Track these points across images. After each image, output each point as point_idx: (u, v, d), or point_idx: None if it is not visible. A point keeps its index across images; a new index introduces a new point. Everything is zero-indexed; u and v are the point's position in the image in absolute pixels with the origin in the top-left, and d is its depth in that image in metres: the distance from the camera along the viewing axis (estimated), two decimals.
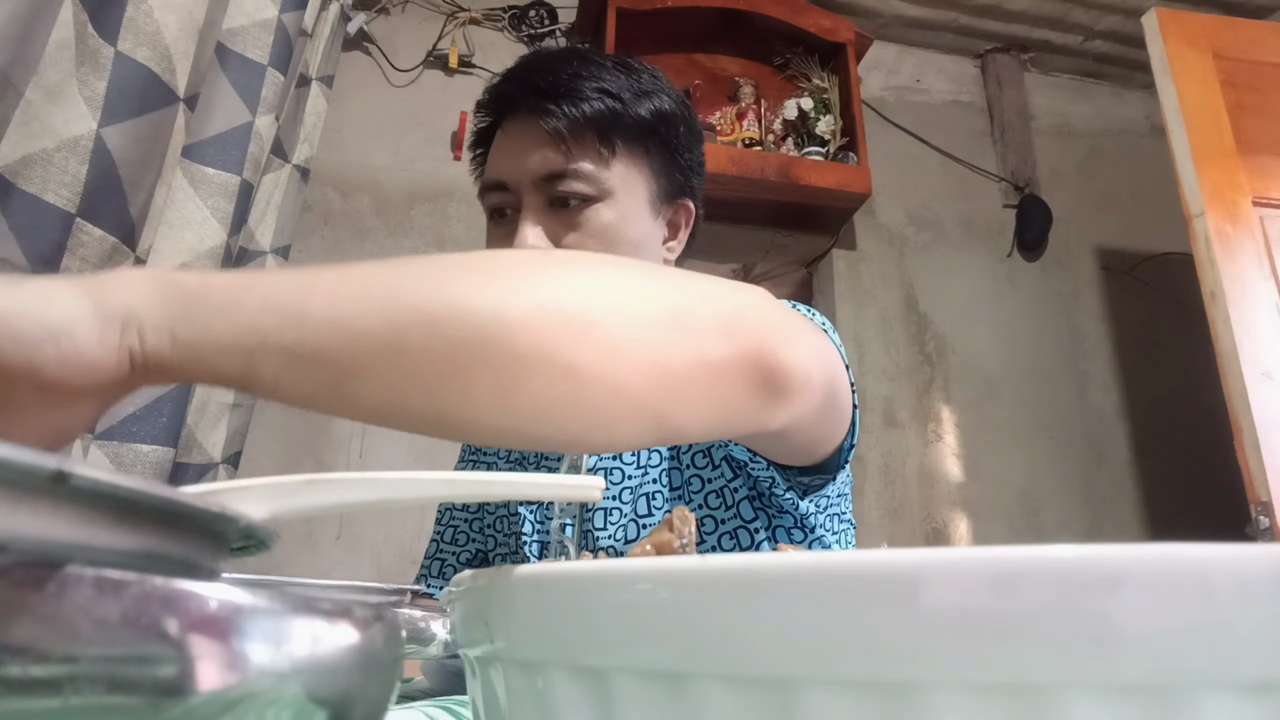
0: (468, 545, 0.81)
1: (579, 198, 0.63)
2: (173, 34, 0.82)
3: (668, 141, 0.68)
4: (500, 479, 0.21)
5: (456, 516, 0.83)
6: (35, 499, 0.11)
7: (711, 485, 0.66)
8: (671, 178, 0.69)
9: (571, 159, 0.63)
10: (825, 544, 0.67)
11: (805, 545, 0.66)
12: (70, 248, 0.72)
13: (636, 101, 0.66)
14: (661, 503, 0.66)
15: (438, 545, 0.82)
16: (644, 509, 0.67)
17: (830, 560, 0.14)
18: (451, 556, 0.81)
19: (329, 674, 0.13)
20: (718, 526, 0.65)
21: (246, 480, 0.19)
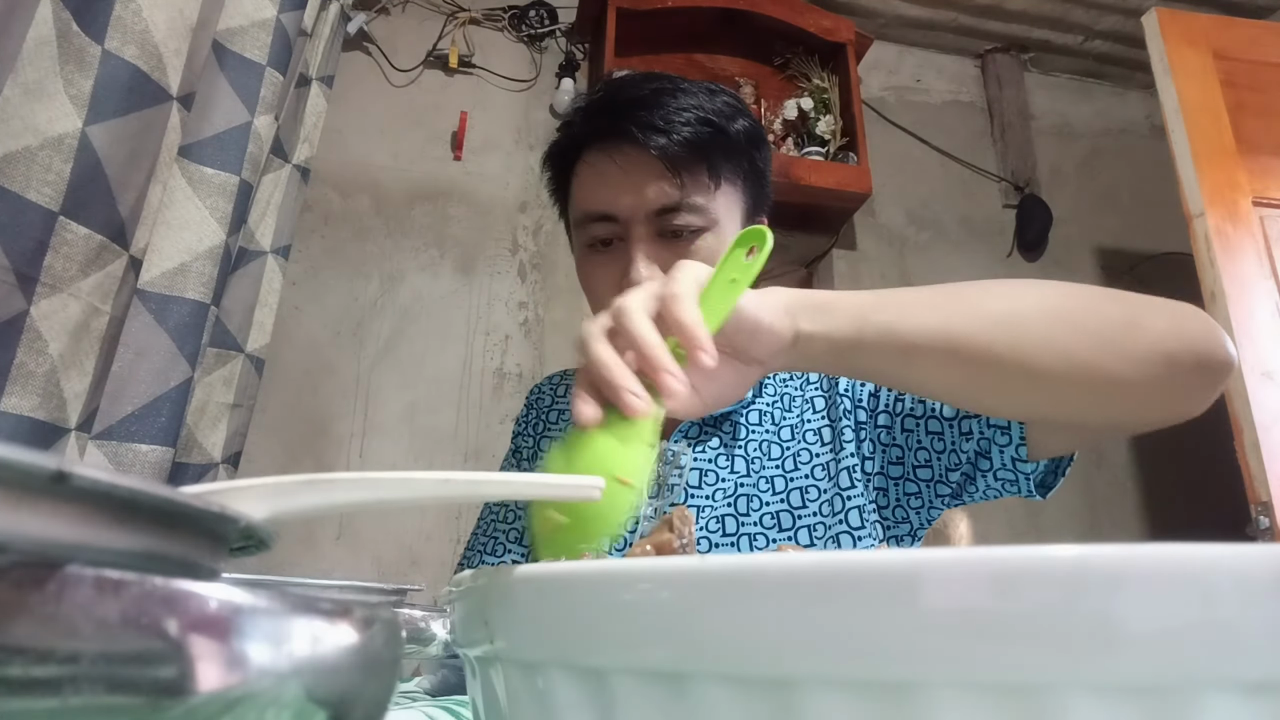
0: (504, 559, 0.78)
1: (691, 230, 0.64)
2: (162, 32, 0.82)
3: (756, 161, 0.69)
4: (498, 478, 0.21)
5: (499, 529, 0.79)
6: (35, 499, 0.11)
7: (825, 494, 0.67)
8: (759, 195, 0.71)
9: (685, 192, 0.64)
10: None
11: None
12: (53, 246, 0.72)
13: (729, 124, 0.66)
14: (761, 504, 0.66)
15: (480, 556, 0.79)
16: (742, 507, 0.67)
17: (830, 560, 0.14)
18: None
19: (329, 674, 0.13)
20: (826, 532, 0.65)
21: (246, 480, 0.19)
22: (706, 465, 0.70)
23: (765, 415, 0.72)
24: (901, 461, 0.66)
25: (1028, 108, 2.40)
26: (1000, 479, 0.61)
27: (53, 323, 0.73)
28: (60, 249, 0.73)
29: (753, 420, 0.72)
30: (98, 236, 0.76)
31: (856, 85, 2.08)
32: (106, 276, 0.79)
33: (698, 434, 0.71)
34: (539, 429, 0.82)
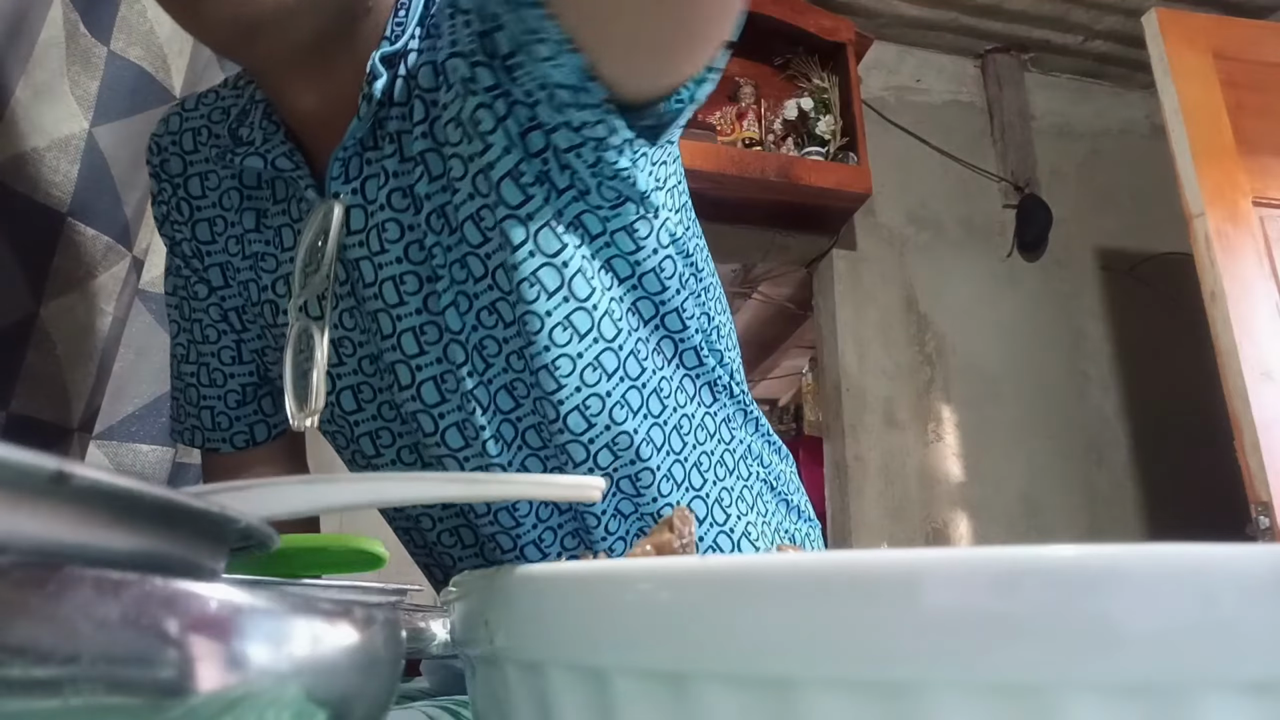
0: (222, 341, 0.64)
1: None
2: (166, 33, 0.82)
3: None
4: (498, 478, 0.21)
5: (196, 307, 0.64)
6: (35, 499, 0.11)
7: (494, 217, 0.48)
8: None
9: None
10: (671, 229, 0.52)
11: (653, 233, 0.51)
12: (61, 247, 0.72)
13: None
14: (442, 255, 0.51)
15: (195, 347, 0.64)
16: (420, 257, 0.52)
17: (830, 560, 0.14)
18: (213, 358, 0.64)
19: (329, 674, 0.13)
20: (510, 275, 0.49)
21: (246, 480, 0.19)
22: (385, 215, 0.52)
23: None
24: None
25: (1028, 108, 2.40)
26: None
27: (60, 324, 0.73)
28: (68, 250, 0.73)
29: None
30: (104, 238, 0.77)
31: (856, 85, 2.08)
32: (111, 278, 0.79)
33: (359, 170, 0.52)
34: (186, 212, 0.61)
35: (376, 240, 0.52)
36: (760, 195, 2.01)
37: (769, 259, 2.31)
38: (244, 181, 0.59)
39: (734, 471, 0.62)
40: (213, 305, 0.63)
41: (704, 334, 0.58)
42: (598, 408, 0.52)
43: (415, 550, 0.67)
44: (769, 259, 2.31)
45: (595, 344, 0.51)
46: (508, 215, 0.48)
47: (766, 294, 3.16)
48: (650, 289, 0.53)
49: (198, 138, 0.61)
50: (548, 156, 0.47)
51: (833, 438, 2.11)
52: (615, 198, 0.49)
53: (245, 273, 0.60)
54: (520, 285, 0.49)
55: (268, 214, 0.58)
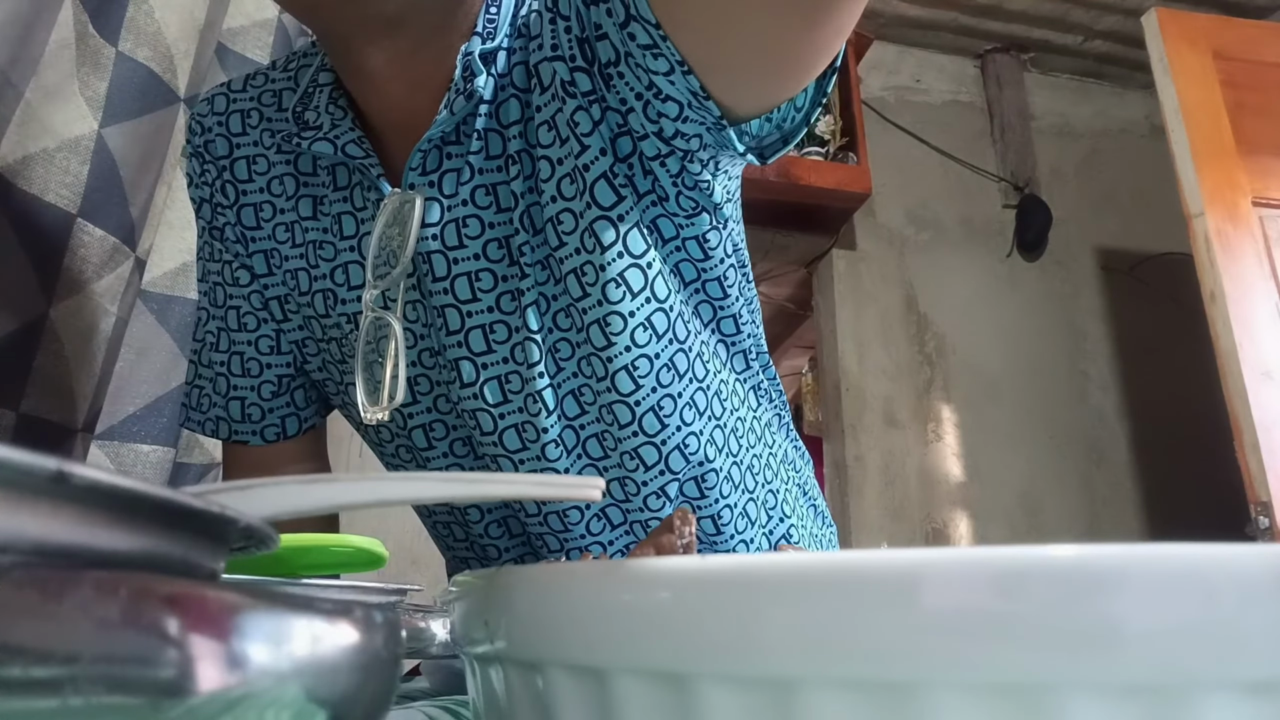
0: (260, 330, 0.62)
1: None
2: (173, 34, 0.82)
3: None
4: (499, 478, 0.21)
5: (234, 295, 0.62)
6: (35, 499, 0.11)
7: (584, 221, 0.48)
8: None
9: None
10: (735, 241, 0.54)
11: (721, 243, 0.52)
12: (71, 248, 0.72)
13: None
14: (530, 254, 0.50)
15: (227, 335, 0.62)
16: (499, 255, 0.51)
17: (830, 560, 0.14)
18: (249, 347, 0.62)
19: (329, 674, 0.13)
20: (599, 274, 0.49)
21: (247, 480, 0.19)
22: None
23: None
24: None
25: (1028, 108, 2.40)
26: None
27: (69, 325, 0.74)
28: (78, 251, 0.73)
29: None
30: (111, 239, 0.77)
31: (856, 85, 2.08)
32: (116, 279, 0.79)
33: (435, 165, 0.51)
34: (231, 195, 0.60)
35: (455, 235, 0.51)
36: (760, 195, 2.00)
37: (769, 259, 2.31)
38: (299, 167, 0.57)
39: (777, 474, 0.62)
40: (254, 293, 0.61)
41: (753, 339, 0.59)
42: (670, 408, 0.52)
43: (455, 544, 0.65)
44: (769, 259, 2.31)
45: (670, 345, 0.51)
46: (600, 216, 0.48)
47: (766, 294, 3.16)
48: (713, 295, 0.54)
49: (246, 120, 0.60)
50: (633, 161, 0.48)
51: (833, 438, 2.11)
52: (692, 207, 0.49)
53: (295, 260, 0.58)
54: (606, 286, 0.49)
55: (325, 201, 0.56)
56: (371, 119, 0.54)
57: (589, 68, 0.47)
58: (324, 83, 0.55)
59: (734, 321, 0.56)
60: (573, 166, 0.48)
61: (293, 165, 0.57)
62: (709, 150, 0.46)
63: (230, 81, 0.62)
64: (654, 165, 0.47)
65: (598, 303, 0.49)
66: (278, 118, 0.58)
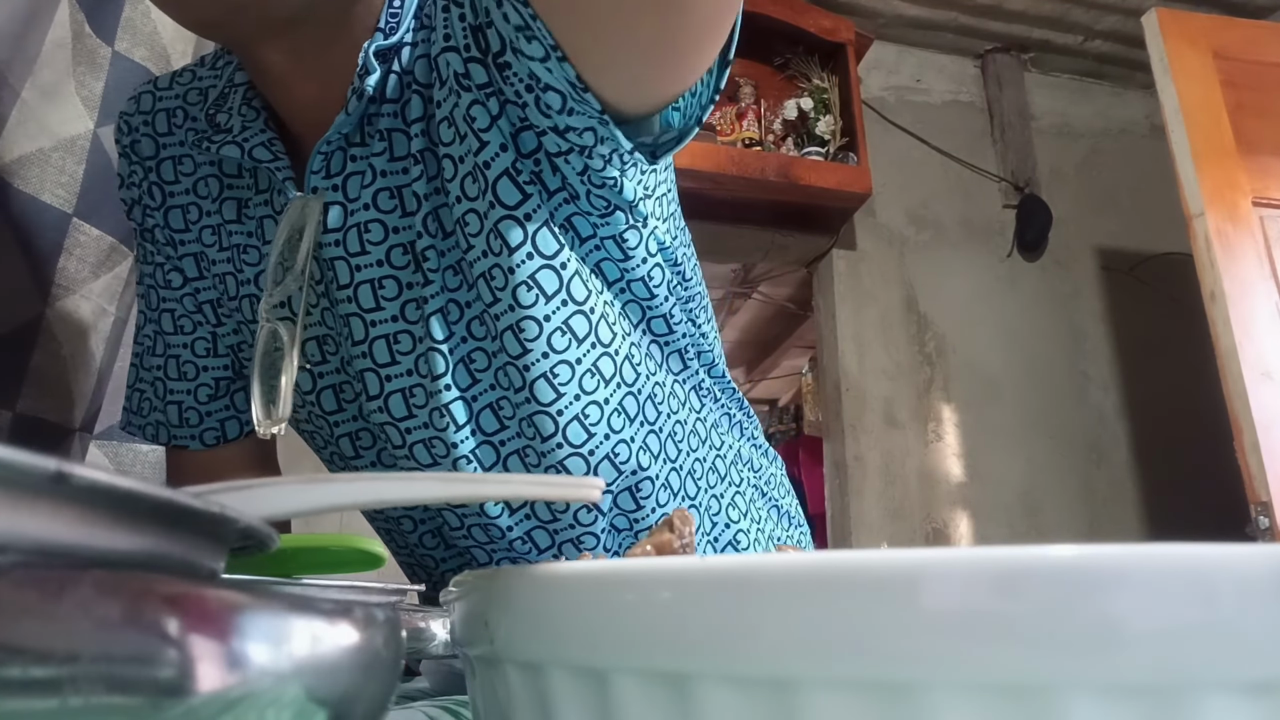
0: (196, 332, 0.60)
1: None
2: (170, 34, 0.82)
3: None
4: (498, 478, 0.21)
5: (167, 297, 0.60)
6: (35, 499, 0.11)
7: (489, 221, 0.46)
8: None
9: None
10: (659, 238, 0.51)
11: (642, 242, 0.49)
12: (67, 248, 0.72)
13: None
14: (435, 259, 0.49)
15: (162, 339, 0.61)
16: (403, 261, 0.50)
17: (830, 560, 0.14)
18: (184, 350, 0.60)
19: (329, 674, 0.13)
20: (509, 277, 0.46)
21: (247, 480, 0.19)
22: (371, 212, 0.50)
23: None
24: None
25: (1028, 108, 2.40)
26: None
27: (66, 325, 0.74)
28: (74, 251, 0.73)
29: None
30: (108, 238, 0.77)
31: (856, 85, 2.08)
32: (114, 278, 0.79)
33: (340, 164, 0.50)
34: (158, 197, 0.58)
35: (356, 241, 0.49)
36: (760, 195, 2.01)
37: (769, 259, 2.31)
38: (224, 170, 0.55)
39: (725, 478, 0.60)
40: (186, 296, 0.60)
41: (690, 339, 0.57)
42: (597, 416, 0.50)
43: (397, 550, 0.65)
44: (769, 259, 2.31)
45: (593, 349, 0.49)
46: (505, 216, 0.45)
47: (766, 294, 3.16)
48: (639, 294, 0.52)
49: (172, 119, 0.57)
50: (539, 157, 0.45)
51: (833, 438, 2.11)
52: (604, 206, 0.47)
53: (222, 265, 0.57)
54: (517, 290, 0.46)
55: (249, 204, 0.54)
56: (286, 120, 0.52)
57: (483, 58, 0.44)
58: (239, 83, 0.53)
59: (665, 321, 0.53)
60: (474, 164, 0.45)
61: (217, 167, 0.56)
62: (607, 145, 0.43)
63: (158, 79, 0.60)
64: (559, 162, 0.45)
65: (509, 308, 0.47)
66: (200, 117, 0.55)
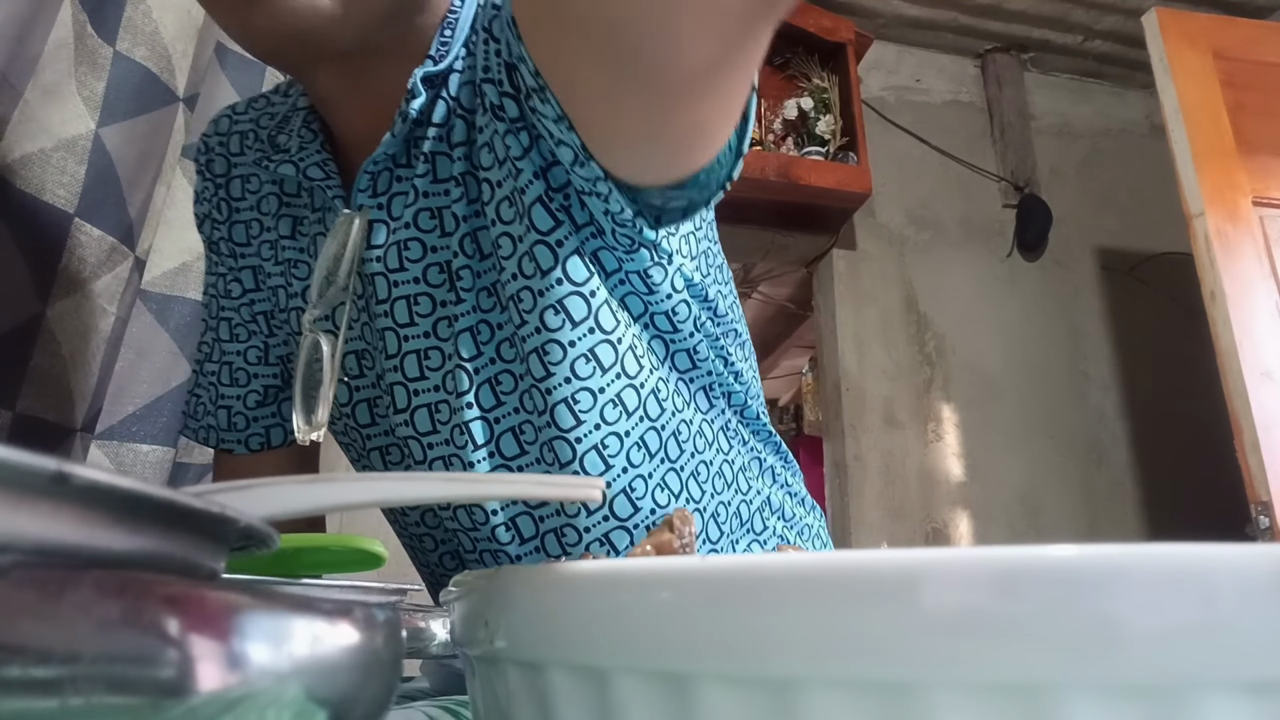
0: (250, 341, 0.64)
1: None
2: (170, 34, 0.82)
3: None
4: (498, 478, 0.21)
5: (226, 307, 0.64)
6: (35, 499, 0.11)
7: (523, 245, 0.48)
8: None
9: None
10: (687, 275, 0.52)
11: (667, 279, 0.50)
12: (69, 248, 0.72)
13: None
14: (470, 279, 0.50)
15: (219, 346, 0.65)
16: (439, 280, 0.51)
17: (830, 560, 0.14)
18: (238, 358, 0.64)
19: (329, 674, 0.13)
20: (538, 300, 0.48)
21: (247, 480, 0.19)
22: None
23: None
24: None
25: (1028, 108, 2.40)
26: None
27: (66, 325, 0.74)
28: (75, 251, 0.73)
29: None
30: (109, 238, 0.77)
31: (856, 85, 2.08)
32: (115, 278, 0.79)
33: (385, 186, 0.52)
34: (225, 212, 0.63)
35: (396, 257, 0.51)
36: (760, 195, 2.00)
37: (769, 259, 2.31)
38: (284, 188, 0.59)
39: (748, 523, 0.59)
40: (244, 306, 0.64)
41: (717, 376, 0.56)
42: (616, 447, 0.50)
43: (420, 567, 0.67)
44: (769, 259, 2.31)
45: (618, 380, 0.49)
46: (538, 241, 0.47)
47: (766, 294, 3.16)
48: (661, 328, 0.52)
49: (244, 141, 0.62)
50: (569, 192, 0.47)
51: (833, 438, 2.11)
52: (629, 243, 0.48)
53: (276, 278, 0.60)
54: (545, 313, 0.47)
55: (304, 222, 0.57)
56: (340, 142, 0.55)
57: (515, 94, 0.45)
58: (301, 106, 0.56)
59: (689, 356, 0.54)
60: (511, 190, 0.47)
61: (279, 186, 0.59)
62: (615, 194, 0.44)
63: (237, 104, 0.65)
64: (586, 199, 0.46)
65: (536, 330, 0.48)
66: (265, 139, 0.59)
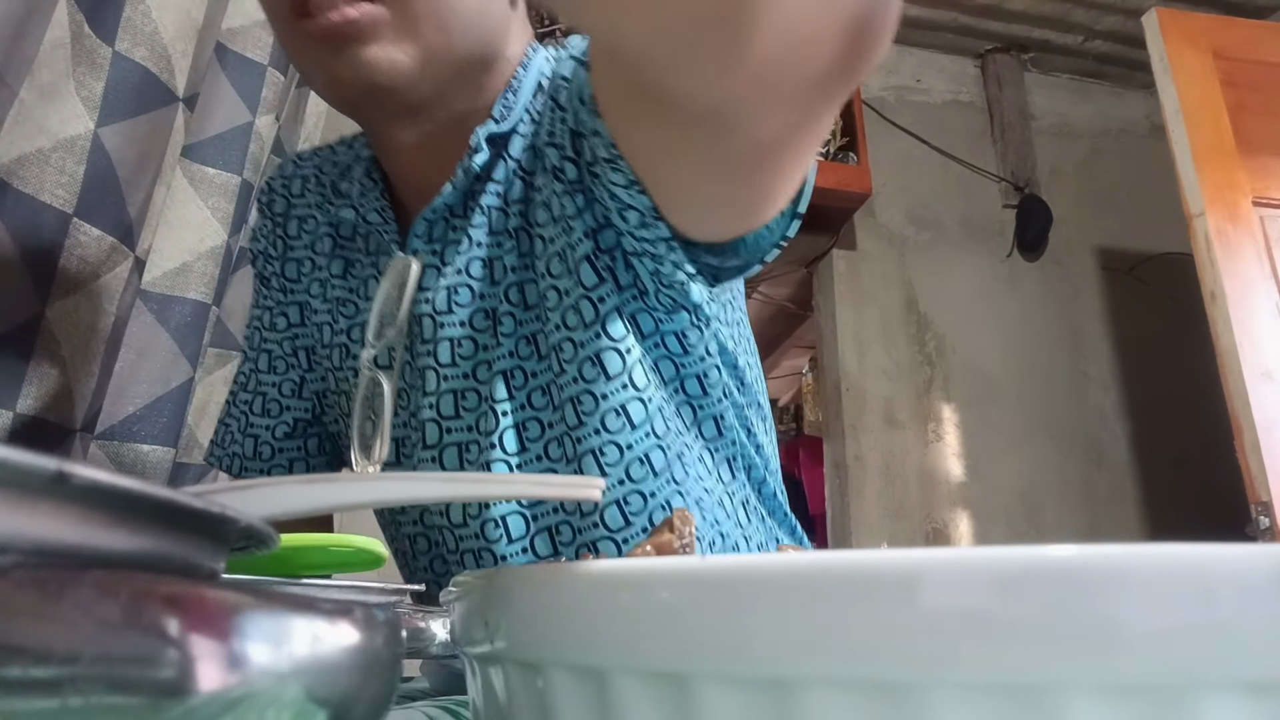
0: (288, 374, 0.67)
1: None
2: (170, 34, 0.82)
3: None
4: (499, 479, 0.21)
5: (269, 339, 0.67)
6: (35, 499, 0.11)
7: (569, 299, 0.50)
8: None
9: None
10: (722, 341, 0.54)
11: (702, 342, 0.53)
12: (68, 248, 0.72)
13: None
14: (511, 326, 0.52)
15: (256, 376, 0.67)
16: (483, 325, 0.54)
17: (830, 560, 0.14)
18: (272, 389, 0.67)
19: (329, 674, 0.13)
20: (578, 351, 0.50)
21: (246, 480, 0.19)
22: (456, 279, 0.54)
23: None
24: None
25: (1028, 108, 2.40)
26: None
27: (66, 325, 0.74)
28: (74, 251, 0.73)
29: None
30: (109, 238, 0.77)
31: None
32: (114, 278, 0.79)
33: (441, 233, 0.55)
34: (280, 248, 0.66)
35: (445, 301, 0.54)
36: None
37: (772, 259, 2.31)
38: (340, 232, 0.62)
39: None
40: (286, 339, 0.66)
41: (740, 447, 0.58)
42: (639, 505, 0.51)
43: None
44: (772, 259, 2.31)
45: (647, 438, 0.51)
46: (583, 296, 0.50)
47: (766, 294, 3.16)
48: (691, 392, 0.54)
49: (305, 184, 0.66)
50: (616, 254, 0.50)
51: (833, 438, 2.11)
52: (670, 304, 0.51)
53: (322, 314, 0.63)
54: (583, 364, 0.50)
55: (356, 264, 0.61)
56: (400, 191, 0.59)
57: (577, 159, 0.49)
58: (364, 156, 0.60)
59: (715, 423, 0.55)
60: (563, 245, 0.50)
61: (334, 229, 0.62)
62: (675, 256, 0.47)
63: (302, 151, 0.70)
64: (634, 260, 0.49)
65: (573, 380, 0.50)
66: (327, 185, 0.64)
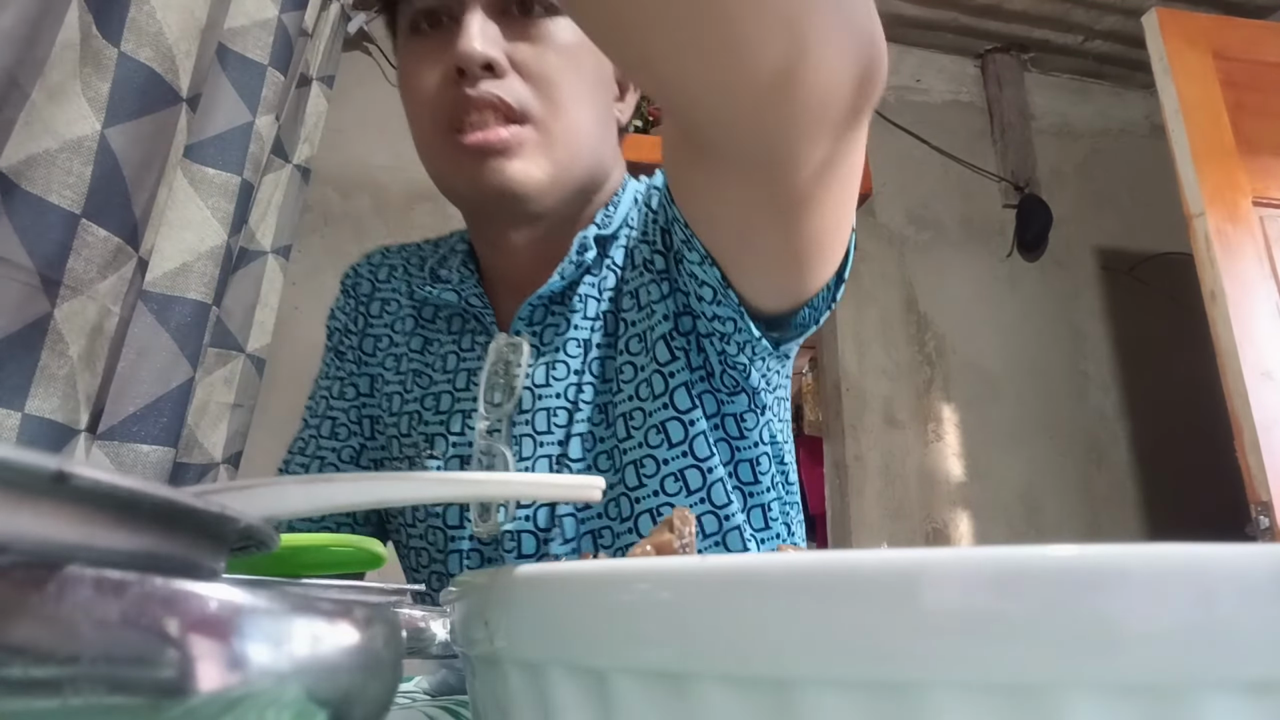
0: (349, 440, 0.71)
1: (542, 5, 0.54)
2: (174, 34, 0.82)
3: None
4: (498, 478, 0.21)
5: (335, 406, 0.72)
6: (35, 499, 0.11)
7: (643, 373, 0.57)
8: None
9: None
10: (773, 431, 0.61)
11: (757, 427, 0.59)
12: (75, 249, 0.72)
13: None
14: (591, 395, 0.59)
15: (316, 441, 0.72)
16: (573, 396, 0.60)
17: (830, 560, 0.14)
18: (331, 454, 0.71)
19: (329, 674, 0.13)
20: (646, 419, 0.56)
21: (246, 480, 0.19)
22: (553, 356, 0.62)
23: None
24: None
25: (1028, 108, 2.40)
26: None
27: (73, 325, 0.74)
28: (82, 251, 0.73)
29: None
30: (115, 239, 0.77)
31: None
32: (119, 279, 0.79)
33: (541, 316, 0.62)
34: (360, 324, 0.72)
35: (544, 375, 0.60)
36: None
37: None
38: (422, 314, 0.69)
39: None
40: (354, 408, 0.71)
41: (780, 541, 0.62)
42: None
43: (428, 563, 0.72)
44: None
45: (702, 504, 0.56)
46: (655, 370, 0.56)
47: None
48: (744, 478, 0.59)
49: (393, 272, 0.73)
50: (691, 336, 0.57)
51: (833, 438, 2.11)
52: (733, 385, 0.57)
53: (394, 385, 0.68)
54: (649, 432, 0.56)
55: (435, 342, 0.68)
56: (491, 279, 0.66)
57: (665, 252, 0.58)
58: (460, 250, 0.68)
59: (762, 512, 0.60)
60: (644, 328, 0.58)
61: (417, 310, 0.69)
62: (742, 334, 0.53)
63: (390, 246, 0.78)
64: (705, 342, 0.56)
65: (638, 445, 0.56)
66: (417, 274, 0.71)
